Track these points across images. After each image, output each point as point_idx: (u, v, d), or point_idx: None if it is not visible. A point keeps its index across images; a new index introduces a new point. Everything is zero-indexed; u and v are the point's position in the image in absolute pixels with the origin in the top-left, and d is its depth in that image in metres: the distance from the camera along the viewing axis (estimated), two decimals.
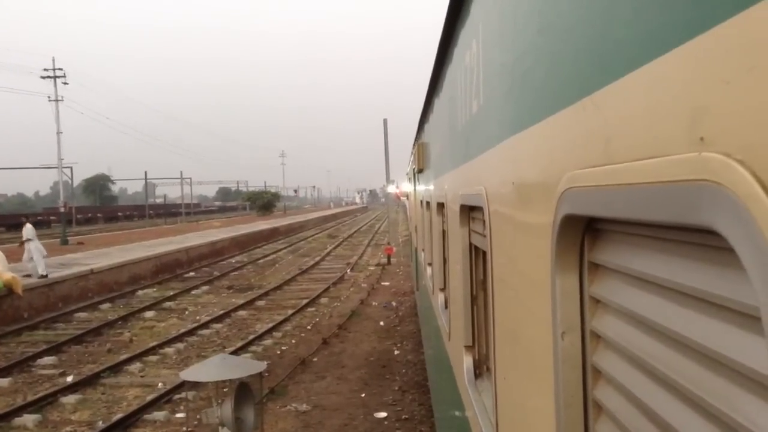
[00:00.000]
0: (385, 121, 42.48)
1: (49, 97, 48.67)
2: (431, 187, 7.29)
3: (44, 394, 10.78)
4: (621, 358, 1.24)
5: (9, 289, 17.66)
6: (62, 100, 48.80)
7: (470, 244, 3.78)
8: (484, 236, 2.70)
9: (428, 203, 8.00)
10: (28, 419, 9.80)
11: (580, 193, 1.27)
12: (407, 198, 30.45)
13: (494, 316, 2.53)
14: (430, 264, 8.39)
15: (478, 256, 3.67)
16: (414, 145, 10.57)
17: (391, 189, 50.33)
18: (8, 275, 18.07)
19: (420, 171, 9.15)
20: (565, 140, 1.41)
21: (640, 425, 1.12)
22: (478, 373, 3.78)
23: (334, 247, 39.50)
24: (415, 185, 12.69)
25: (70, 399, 10.76)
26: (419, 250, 12.18)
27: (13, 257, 20.77)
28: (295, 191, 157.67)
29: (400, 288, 22.24)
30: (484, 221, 2.67)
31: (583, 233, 1.39)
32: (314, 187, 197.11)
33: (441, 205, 5.89)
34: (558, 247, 1.42)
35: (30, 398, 10.66)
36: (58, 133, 47.10)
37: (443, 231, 5.88)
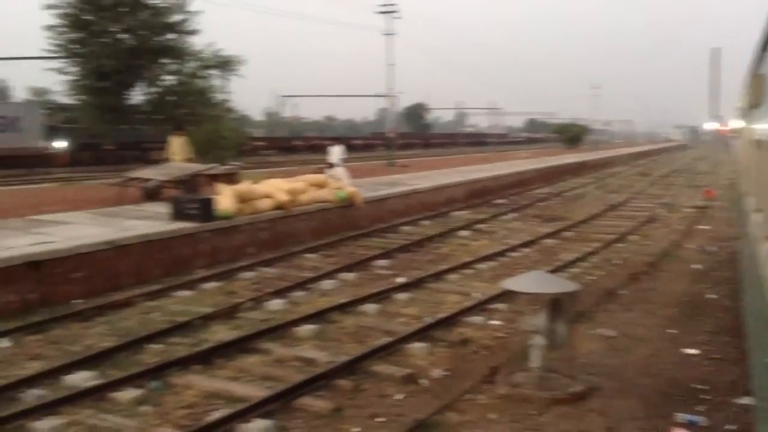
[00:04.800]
0: (715, 51, 37.84)
1: (382, 32, 53.77)
2: None
3: (382, 290, 12.90)
4: None
5: (350, 201, 20.98)
6: (395, 34, 53.53)
7: None
8: None
9: (764, 144, 7.41)
10: (370, 308, 11.89)
11: None
12: (736, 136, 27.12)
13: None
14: (759, 210, 7.85)
15: None
16: (748, 77, 9.63)
17: (715, 126, 44.76)
18: (351, 188, 21.41)
19: (755, 106, 8.41)
20: None
21: None
22: None
23: (647, 186, 37.32)
24: (747, 123, 11.52)
25: (401, 296, 12.68)
26: (746, 195, 11.20)
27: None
28: (606, 125, 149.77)
29: (720, 233, 20.43)
30: None
31: None
32: (627, 120, 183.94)
33: None
34: None
35: (371, 291, 12.88)
36: (389, 65, 52.08)
37: None
